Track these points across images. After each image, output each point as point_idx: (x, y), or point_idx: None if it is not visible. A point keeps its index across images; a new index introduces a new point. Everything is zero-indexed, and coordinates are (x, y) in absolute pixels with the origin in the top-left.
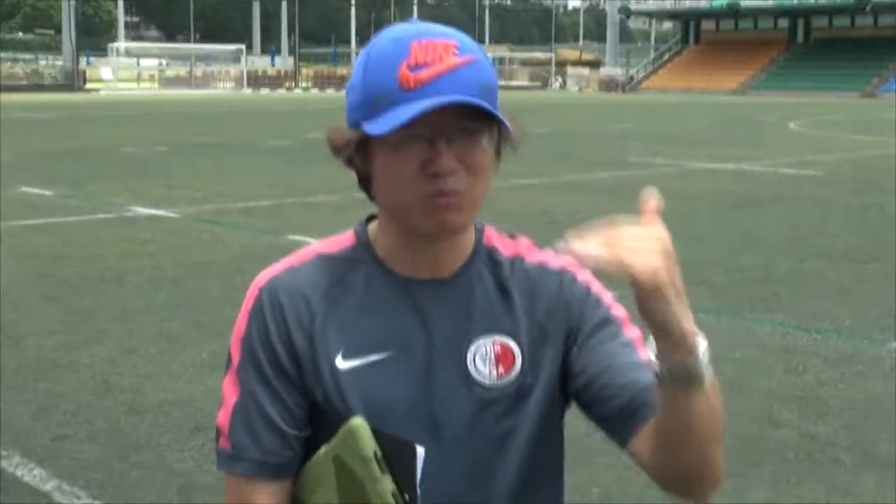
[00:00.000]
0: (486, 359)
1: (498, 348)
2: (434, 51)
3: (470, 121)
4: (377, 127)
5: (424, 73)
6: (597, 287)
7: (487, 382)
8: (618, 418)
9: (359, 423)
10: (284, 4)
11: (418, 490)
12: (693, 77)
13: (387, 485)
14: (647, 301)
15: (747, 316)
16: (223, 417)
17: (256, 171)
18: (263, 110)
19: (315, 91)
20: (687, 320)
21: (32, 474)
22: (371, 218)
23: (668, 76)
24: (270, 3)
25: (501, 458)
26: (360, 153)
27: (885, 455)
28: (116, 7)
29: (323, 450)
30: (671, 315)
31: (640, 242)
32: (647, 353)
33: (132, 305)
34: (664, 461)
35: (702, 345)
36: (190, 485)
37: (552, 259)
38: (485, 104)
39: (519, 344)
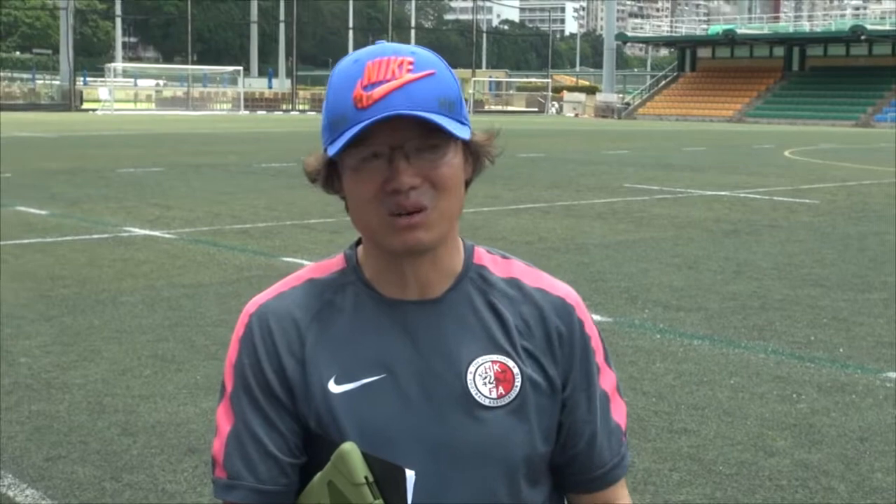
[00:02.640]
0: (485, 379)
1: (497, 368)
2: (387, 68)
3: (430, 136)
4: (332, 148)
5: (377, 91)
6: (588, 326)
7: (487, 403)
8: (566, 471)
9: (349, 448)
10: (282, 27)
11: None
12: (689, 104)
13: None
14: None
15: (742, 343)
16: (218, 446)
17: (252, 192)
18: (260, 132)
19: (312, 113)
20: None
21: (25, 494)
22: (361, 240)
23: (664, 103)
24: (268, 25)
25: (503, 478)
26: (335, 177)
27: (879, 484)
28: (114, 27)
29: (317, 476)
30: None
31: None
32: (619, 400)
33: (127, 326)
34: None
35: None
36: None
37: (551, 286)
38: (432, 119)
39: (518, 364)
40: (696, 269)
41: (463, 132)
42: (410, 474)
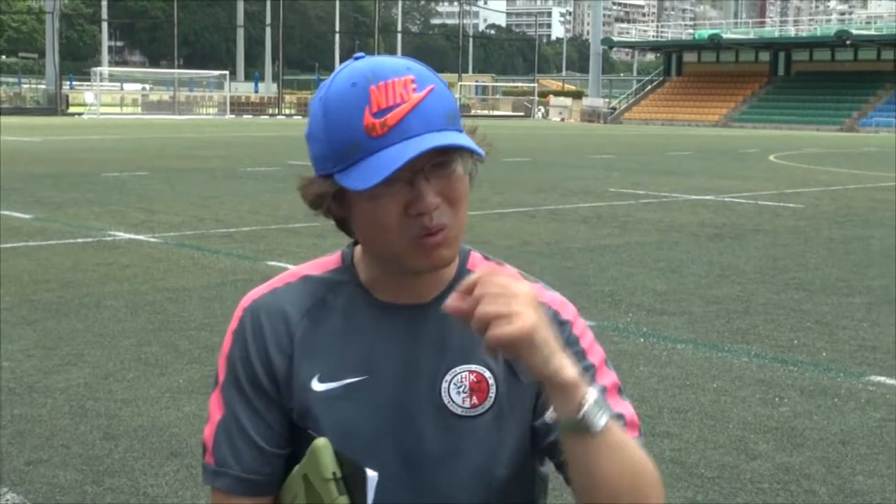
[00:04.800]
0: (459, 388)
1: (473, 377)
2: (394, 91)
3: (443, 154)
4: (356, 181)
5: (390, 117)
6: (578, 328)
7: (459, 412)
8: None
9: (321, 444)
10: (268, 31)
11: None
12: (675, 109)
13: None
14: (522, 354)
15: (725, 347)
16: (208, 433)
17: (238, 196)
18: (246, 136)
19: (298, 117)
20: (565, 370)
21: (6, 499)
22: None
23: (650, 107)
24: (255, 29)
25: (469, 488)
26: (336, 202)
27: (860, 488)
28: (101, 31)
29: (296, 468)
30: (548, 366)
31: (509, 299)
32: (620, 400)
33: (110, 330)
34: None
35: (590, 394)
36: None
37: (540, 292)
38: (462, 143)
39: (493, 374)
40: (679, 273)
41: (478, 147)
42: (373, 475)
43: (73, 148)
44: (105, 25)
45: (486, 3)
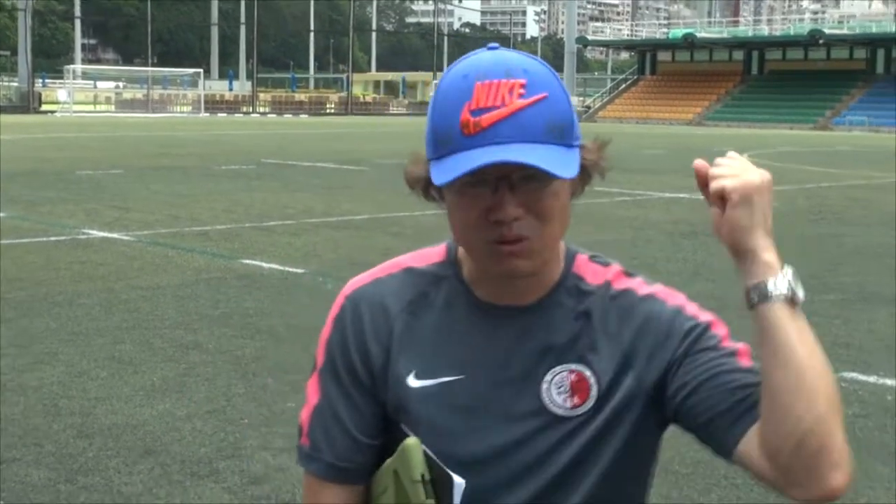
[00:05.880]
0: (560, 388)
1: (574, 377)
2: (497, 92)
3: (535, 168)
4: (438, 174)
5: (485, 119)
6: (692, 309)
7: (560, 412)
8: (726, 422)
9: (412, 443)
10: (243, 29)
11: None
12: (649, 107)
13: None
14: (736, 212)
15: None
16: (305, 415)
17: (212, 194)
18: (220, 134)
19: (273, 116)
20: (767, 252)
21: None
22: None
23: (625, 106)
24: (229, 27)
25: (567, 490)
26: (434, 188)
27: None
28: (73, 29)
29: (388, 462)
30: (751, 237)
31: (744, 168)
32: (753, 362)
33: (84, 328)
34: (776, 434)
35: (786, 270)
36: None
37: (641, 286)
38: (531, 162)
39: (595, 373)
40: (654, 271)
41: (567, 170)
42: (460, 482)
43: (47, 146)
44: (78, 23)
45: (460, 1)
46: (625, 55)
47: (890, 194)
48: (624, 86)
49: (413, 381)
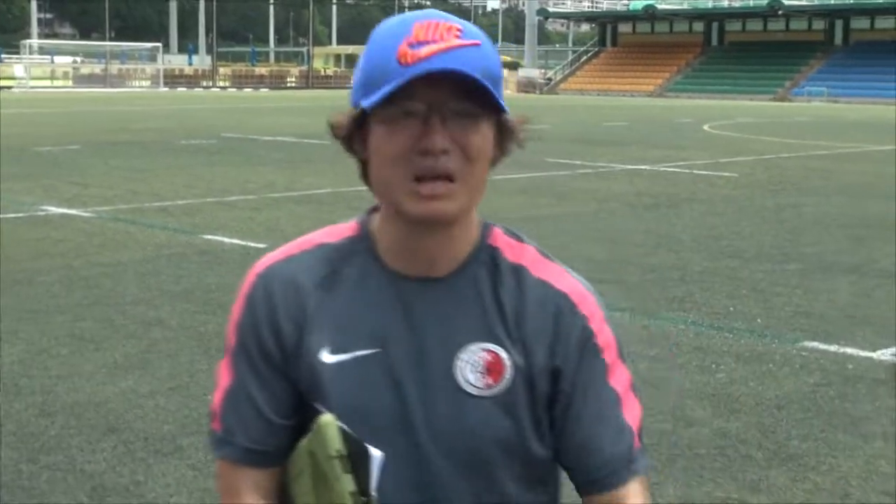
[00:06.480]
0: (475, 366)
1: (489, 357)
2: (436, 30)
3: (468, 102)
4: (369, 100)
5: (424, 50)
6: (595, 321)
7: (473, 391)
8: (577, 478)
9: (327, 420)
10: (202, 3)
11: (374, 493)
12: (610, 79)
13: (346, 484)
14: None
15: (661, 315)
16: (217, 399)
17: (172, 169)
18: (180, 109)
19: (233, 90)
20: None
21: None
22: (377, 208)
23: (586, 78)
24: (188, 1)
25: (483, 470)
26: (360, 137)
27: (795, 451)
28: (30, 3)
29: (303, 442)
30: None
31: None
32: (632, 404)
33: (43, 305)
34: None
35: None
36: (101, 487)
37: (557, 278)
38: (480, 78)
39: (510, 355)
40: (616, 243)
41: (503, 103)
42: (377, 455)
43: (3, 122)
44: None
45: None
46: (586, 27)
47: (848, 164)
48: (585, 58)
49: (327, 357)
